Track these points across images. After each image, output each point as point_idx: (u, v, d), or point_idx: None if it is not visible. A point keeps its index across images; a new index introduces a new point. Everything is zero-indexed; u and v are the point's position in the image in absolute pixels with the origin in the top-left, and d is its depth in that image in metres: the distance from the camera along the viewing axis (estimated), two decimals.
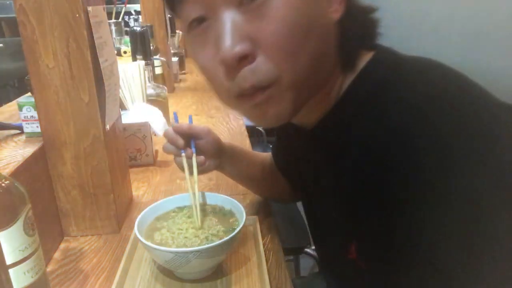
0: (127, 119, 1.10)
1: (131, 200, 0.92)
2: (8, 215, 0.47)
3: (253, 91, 0.45)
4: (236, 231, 0.63)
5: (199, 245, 0.63)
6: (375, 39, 0.51)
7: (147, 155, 1.11)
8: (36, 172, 0.70)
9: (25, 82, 0.74)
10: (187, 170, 0.71)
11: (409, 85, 0.44)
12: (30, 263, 0.50)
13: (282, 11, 0.42)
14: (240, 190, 0.96)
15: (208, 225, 0.69)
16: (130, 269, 0.68)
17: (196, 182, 0.71)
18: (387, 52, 0.51)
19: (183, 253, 0.60)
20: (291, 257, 1.52)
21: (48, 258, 0.72)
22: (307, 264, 1.71)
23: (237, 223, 0.69)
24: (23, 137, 0.78)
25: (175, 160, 0.74)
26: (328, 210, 0.58)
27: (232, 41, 0.42)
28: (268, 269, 0.66)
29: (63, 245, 0.77)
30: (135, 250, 0.73)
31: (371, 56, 0.50)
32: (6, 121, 0.86)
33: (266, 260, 0.69)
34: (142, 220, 0.68)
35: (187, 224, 0.69)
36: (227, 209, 0.73)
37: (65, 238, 0.79)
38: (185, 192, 0.75)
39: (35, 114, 0.75)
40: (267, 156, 0.89)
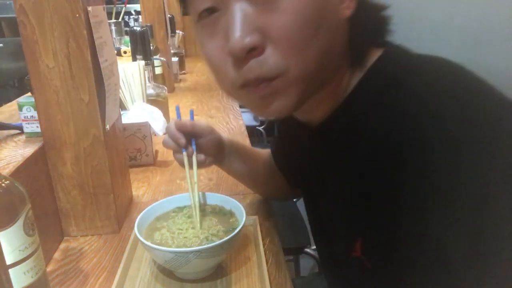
0: (127, 119, 1.10)
1: (131, 200, 0.92)
2: (8, 215, 0.47)
3: (258, 82, 0.45)
4: (236, 231, 0.63)
5: (199, 245, 0.63)
6: (386, 36, 0.51)
7: (147, 155, 1.11)
8: (36, 172, 0.70)
9: (25, 82, 0.74)
10: (187, 169, 0.71)
11: (418, 81, 0.44)
12: (30, 263, 0.50)
13: (293, 4, 0.42)
14: (240, 190, 0.96)
15: (208, 225, 0.69)
16: (130, 269, 0.68)
17: (196, 183, 0.71)
18: (397, 49, 0.51)
19: (183, 253, 0.60)
20: (291, 257, 1.52)
21: (48, 258, 0.72)
22: (307, 264, 1.71)
23: (237, 223, 0.69)
24: (23, 137, 0.77)
25: (175, 156, 0.73)
26: (332, 208, 0.58)
27: (242, 33, 0.42)
28: (268, 269, 0.66)
29: (63, 245, 0.77)
30: (135, 250, 0.73)
31: (380, 53, 0.50)
32: (6, 121, 0.86)
33: (266, 260, 0.69)
34: (142, 220, 0.68)
35: (187, 224, 0.69)
36: (227, 209, 0.73)
37: (65, 238, 0.79)
38: (185, 192, 0.75)
39: (35, 114, 0.75)
40: (266, 153, 0.89)
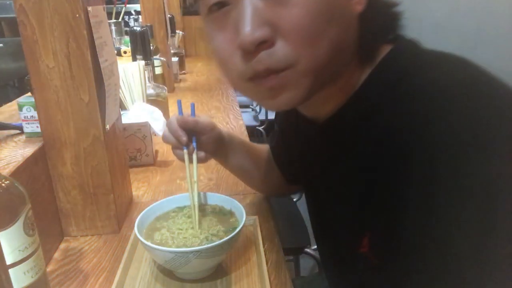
0: (127, 119, 1.10)
1: (131, 200, 0.92)
2: (8, 215, 0.47)
3: (267, 74, 0.45)
4: (236, 231, 0.63)
5: (199, 245, 0.63)
6: (396, 32, 0.51)
7: (147, 155, 1.11)
8: (36, 172, 0.70)
9: (25, 82, 0.74)
10: (188, 168, 0.71)
11: (428, 77, 0.44)
12: (30, 263, 0.50)
13: None
14: (240, 190, 0.96)
15: (208, 225, 0.69)
16: (130, 269, 0.68)
17: (196, 182, 0.71)
18: (407, 45, 0.51)
19: (183, 253, 0.60)
20: (291, 257, 1.52)
21: (48, 258, 0.72)
22: (307, 264, 1.71)
23: (237, 223, 0.69)
24: (23, 137, 0.77)
25: (174, 151, 0.73)
26: (338, 204, 0.58)
27: (252, 26, 0.42)
28: (268, 269, 0.66)
29: (63, 245, 0.77)
30: (135, 250, 0.73)
31: (390, 49, 0.50)
32: (6, 121, 0.86)
33: (266, 260, 0.69)
34: (142, 220, 0.68)
35: (187, 224, 0.69)
36: (227, 209, 0.73)
37: (65, 238, 0.79)
38: (185, 192, 0.75)
39: (35, 114, 0.75)
40: (264, 148, 0.89)
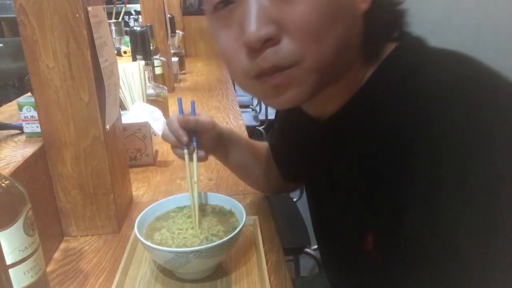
0: (127, 119, 1.10)
1: (131, 200, 0.92)
2: (8, 215, 0.47)
3: (272, 71, 0.45)
4: (236, 231, 0.63)
5: (199, 245, 0.63)
6: (401, 30, 0.51)
7: (147, 155, 1.11)
8: (36, 172, 0.70)
9: (25, 82, 0.74)
10: (188, 168, 0.71)
11: (432, 74, 0.44)
12: (30, 263, 0.50)
13: None
14: (240, 190, 0.96)
15: (208, 225, 0.69)
16: (130, 269, 0.68)
17: (196, 182, 0.71)
18: (412, 42, 0.51)
19: (183, 253, 0.60)
20: (291, 257, 1.52)
21: (48, 258, 0.72)
22: (307, 264, 1.71)
23: (237, 223, 0.69)
24: (23, 137, 0.77)
25: (174, 150, 0.73)
26: (341, 202, 0.58)
27: (258, 24, 0.42)
28: (268, 269, 0.66)
29: (63, 245, 0.77)
30: (135, 250, 0.73)
31: (394, 46, 0.50)
32: (6, 121, 0.86)
33: (266, 260, 0.69)
34: (142, 220, 0.68)
35: (187, 224, 0.69)
36: (227, 209, 0.73)
37: (65, 238, 0.79)
38: (185, 192, 0.75)
39: (35, 114, 0.75)
40: (263, 146, 0.89)
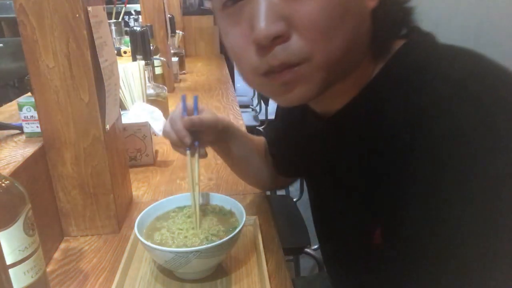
0: (127, 119, 1.10)
1: (131, 200, 0.92)
2: (8, 215, 0.47)
3: (282, 68, 0.45)
4: (236, 231, 0.63)
5: (199, 245, 0.63)
6: (409, 27, 0.51)
7: (147, 155, 1.11)
8: (36, 172, 0.70)
9: (25, 82, 0.74)
10: (189, 170, 0.70)
11: (439, 71, 0.44)
12: (30, 263, 0.50)
13: None
14: (240, 190, 0.96)
15: (208, 225, 0.69)
16: (130, 269, 0.68)
17: (198, 184, 0.71)
18: (421, 39, 0.51)
19: (183, 253, 0.60)
20: (291, 257, 1.52)
21: (48, 258, 0.72)
22: (307, 264, 1.71)
23: (237, 223, 0.69)
24: (23, 137, 0.77)
25: (174, 147, 0.73)
26: (347, 198, 0.57)
27: (267, 21, 0.43)
28: (268, 269, 0.66)
29: (63, 245, 0.77)
30: (135, 250, 0.73)
31: (402, 43, 0.50)
32: (6, 121, 0.86)
33: (266, 260, 0.69)
34: (142, 220, 0.68)
35: (187, 224, 0.69)
36: (227, 209, 0.73)
37: (65, 238, 0.79)
38: (185, 192, 0.75)
39: (35, 114, 0.75)
40: (260, 140, 0.89)
